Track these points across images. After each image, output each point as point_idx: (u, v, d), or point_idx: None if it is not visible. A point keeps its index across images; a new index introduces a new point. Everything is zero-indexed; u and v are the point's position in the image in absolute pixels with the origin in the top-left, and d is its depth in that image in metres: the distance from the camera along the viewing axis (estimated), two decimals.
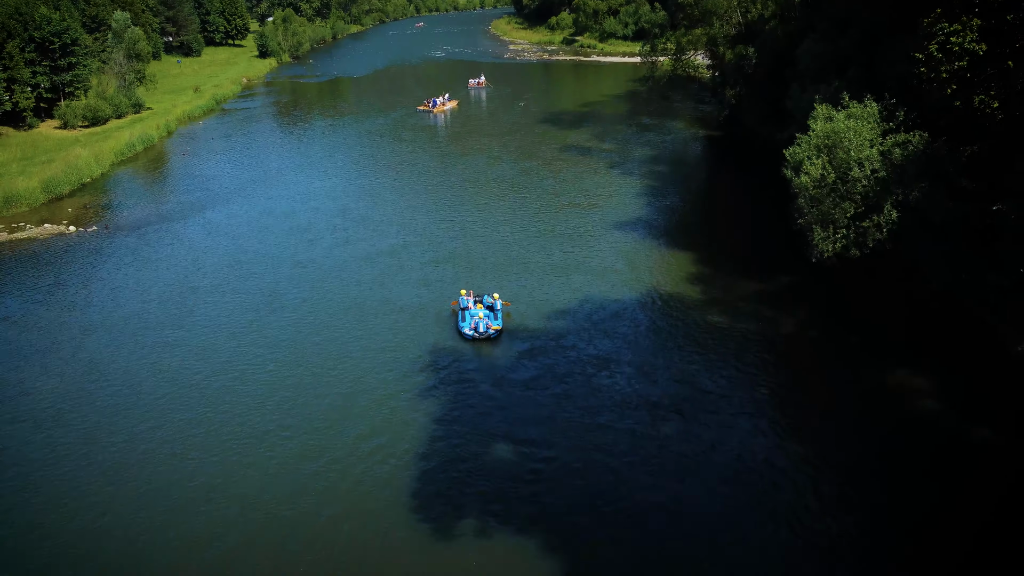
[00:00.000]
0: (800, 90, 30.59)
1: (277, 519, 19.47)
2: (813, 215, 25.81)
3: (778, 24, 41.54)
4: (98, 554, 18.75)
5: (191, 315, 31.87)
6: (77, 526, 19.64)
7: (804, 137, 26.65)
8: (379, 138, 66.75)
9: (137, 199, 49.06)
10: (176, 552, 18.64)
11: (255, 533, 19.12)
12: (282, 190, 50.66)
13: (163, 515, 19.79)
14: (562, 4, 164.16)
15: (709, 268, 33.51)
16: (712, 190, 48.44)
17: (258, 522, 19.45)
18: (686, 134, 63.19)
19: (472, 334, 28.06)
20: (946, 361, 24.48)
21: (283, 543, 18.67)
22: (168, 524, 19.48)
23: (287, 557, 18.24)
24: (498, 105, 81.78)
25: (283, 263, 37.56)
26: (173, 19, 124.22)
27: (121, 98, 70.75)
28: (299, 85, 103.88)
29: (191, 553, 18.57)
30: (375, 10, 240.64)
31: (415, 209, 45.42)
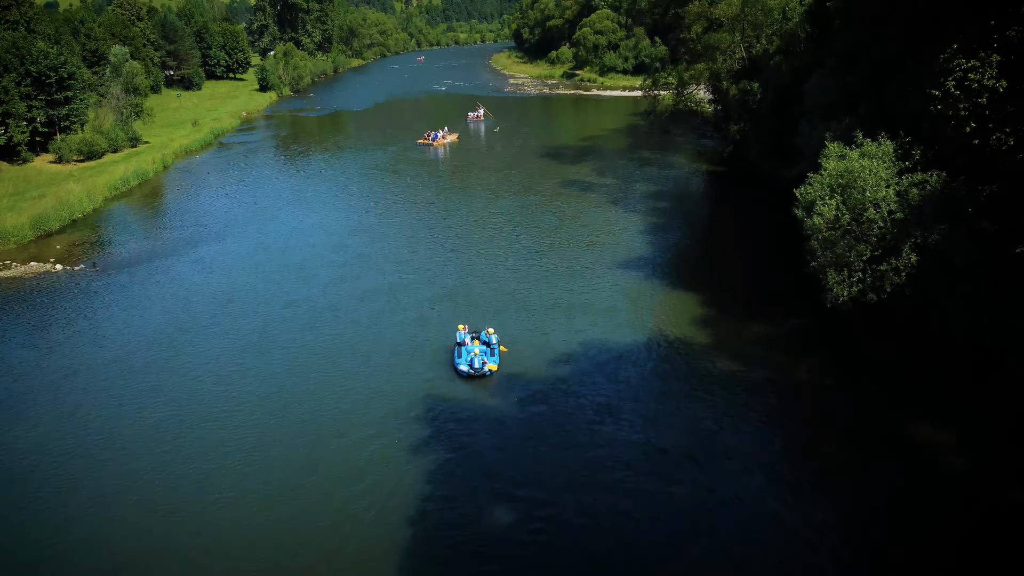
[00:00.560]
0: (810, 127, 29.64)
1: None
2: (827, 258, 24.65)
3: (782, 59, 40.85)
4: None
5: (179, 357, 30.60)
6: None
7: (816, 176, 25.59)
8: (377, 172, 65.99)
9: (129, 235, 48.02)
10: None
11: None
12: (277, 225, 49.69)
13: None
14: (562, 38, 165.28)
15: (716, 310, 32.28)
16: (717, 227, 47.19)
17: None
18: (688, 169, 62.41)
19: (468, 371, 27.34)
20: (969, 410, 23.16)
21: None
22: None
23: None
24: (498, 138, 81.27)
25: (276, 301, 36.40)
26: (174, 53, 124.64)
27: (118, 132, 70.20)
28: (299, 119, 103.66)
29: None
30: (376, 44, 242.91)
31: (413, 245, 44.40)
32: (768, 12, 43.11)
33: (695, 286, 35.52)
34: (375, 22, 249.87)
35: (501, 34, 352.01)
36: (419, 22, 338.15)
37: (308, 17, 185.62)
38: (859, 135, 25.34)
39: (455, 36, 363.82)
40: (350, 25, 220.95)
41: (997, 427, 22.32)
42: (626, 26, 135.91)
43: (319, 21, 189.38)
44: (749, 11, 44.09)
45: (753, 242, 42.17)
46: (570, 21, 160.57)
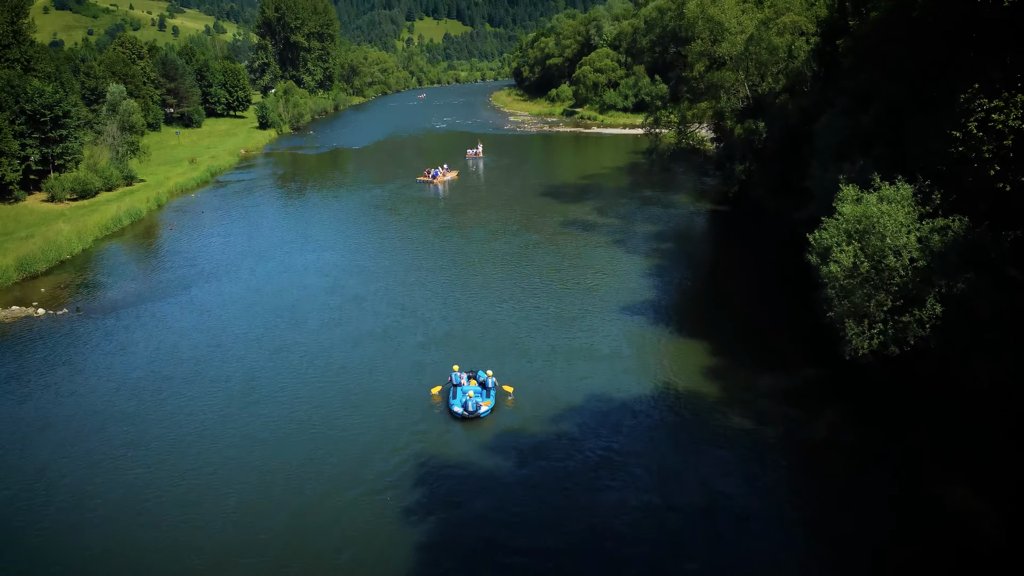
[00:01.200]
0: (821, 168, 28.44)
1: None
2: (844, 307, 23.23)
3: (788, 98, 39.90)
4: None
5: (162, 408, 29.10)
6: None
7: (831, 221, 24.30)
8: (375, 210, 64.98)
9: (117, 277, 46.68)
10: None
11: None
12: (271, 266, 48.46)
13: None
14: (562, 76, 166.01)
15: (726, 359, 30.74)
16: (723, 269, 45.67)
17: None
18: (691, 208, 61.34)
19: (462, 412, 26.64)
20: (999, 471, 21.56)
21: None
22: None
23: None
24: (498, 176, 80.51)
25: (266, 346, 35.01)
26: (174, 91, 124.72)
27: (112, 170, 69.34)
28: (298, 156, 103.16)
29: None
30: (378, 82, 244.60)
31: (410, 286, 43.12)
32: (773, 51, 42.23)
33: (702, 332, 34.02)
34: (376, 60, 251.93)
35: (501, 72, 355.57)
36: (420, 60, 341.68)
37: (309, 56, 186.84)
38: (876, 178, 24.10)
39: (456, 74, 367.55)
40: (351, 63, 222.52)
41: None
42: (626, 64, 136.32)
43: (320, 59, 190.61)
44: (753, 50, 43.27)
45: (761, 286, 40.72)
46: (570, 60, 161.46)
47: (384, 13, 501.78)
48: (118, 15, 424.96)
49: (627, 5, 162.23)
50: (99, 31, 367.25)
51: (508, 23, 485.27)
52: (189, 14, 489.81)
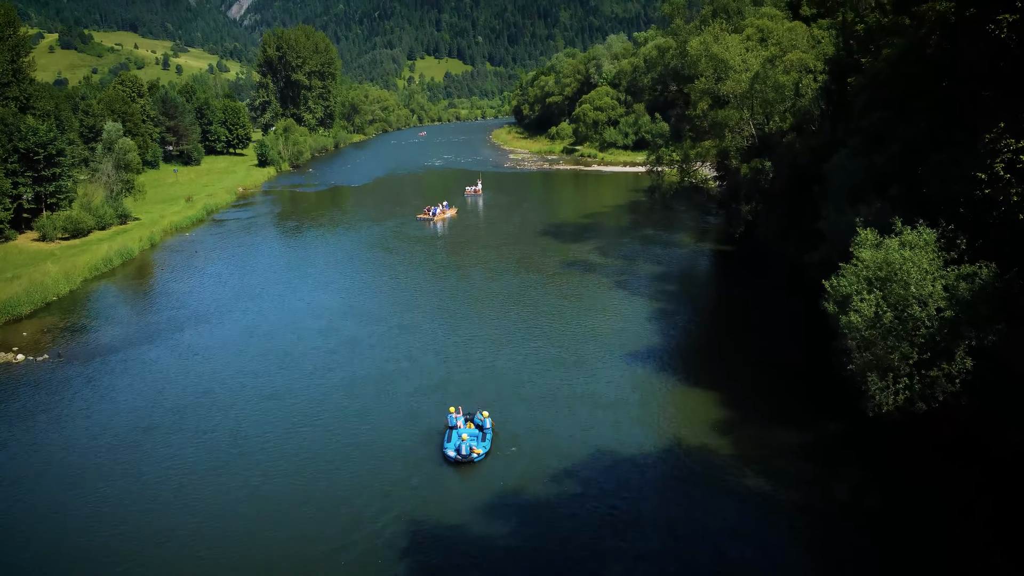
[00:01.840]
0: (836, 211, 27.14)
1: None
2: (866, 360, 21.72)
3: (796, 137, 38.82)
4: None
5: (140, 463, 27.47)
6: None
7: (849, 268, 22.89)
8: (372, 250, 63.79)
9: (103, 320, 45.19)
10: None
11: None
12: (264, 307, 47.07)
13: None
14: (562, 114, 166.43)
15: (737, 412, 29.09)
16: (731, 315, 43.79)
17: None
18: (694, 248, 60.01)
19: (455, 456, 26.10)
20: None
21: None
22: None
23: None
24: (497, 214, 79.54)
25: (255, 394, 33.54)
26: (174, 129, 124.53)
27: (107, 209, 68.28)
28: (296, 194, 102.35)
29: None
30: (378, 120, 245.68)
31: (406, 329, 41.75)
32: (779, 89, 41.23)
33: (711, 381, 32.43)
34: (377, 98, 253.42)
35: (502, 110, 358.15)
36: (421, 98, 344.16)
37: (310, 94, 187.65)
38: (898, 222, 22.74)
39: (456, 112, 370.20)
40: (352, 101, 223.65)
41: None
42: (625, 103, 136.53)
43: (321, 97, 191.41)
44: (759, 88, 42.33)
45: (772, 332, 38.94)
46: (570, 98, 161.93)
47: (386, 52, 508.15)
48: (123, 54, 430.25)
49: (626, 44, 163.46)
50: (103, 70, 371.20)
51: (508, 62, 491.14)
52: (193, 53, 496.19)
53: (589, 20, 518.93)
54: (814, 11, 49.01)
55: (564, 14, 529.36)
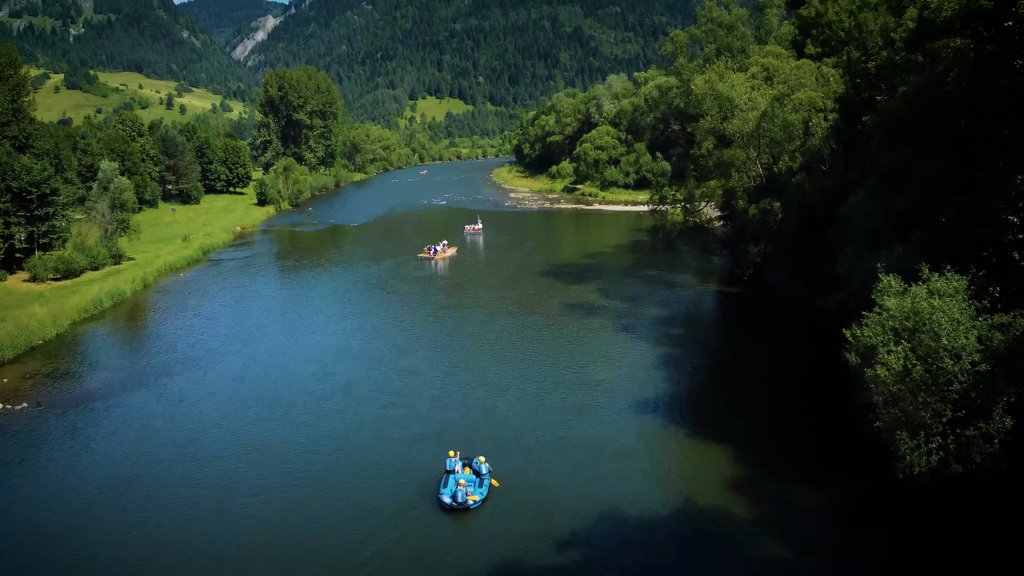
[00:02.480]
0: (855, 255, 25.76)
1: None
2: (895, 417, 20.11)
3: (806, 177, 37.64)
4: None
5: (121, 520, 25.93)
6: None
7: (873, 316, 21.41)
8: (370, 289, 62.52)
9: (89, 365, 43.64)
10: None
11: None
12: (257, 351, 45.60)
13: None
14: (563, 153, 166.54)
15: (752, 468, 27.32)
16: (741, 361, 41.73)
17: None
18: (700, 290, 58.53)
19: (450, 503, 25.43)
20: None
21: None
22: None
23: None
24: (498, 253, 78.43)
25: (244, 443, 31.96)
26: (173, 168, 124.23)
27: (100, 249, 67.14)
28: (295, 233, 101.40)
29: None
30: (379, 159, 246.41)
31: (404, 374, 40.33)
32: (788, 128, 40.10)
33: (722, 433, 30.71)
34: (378, 137, 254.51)
35: (502, 149, 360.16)
36: (422, 137, 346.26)
37: (311, 133, 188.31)
38: (924, 269, 21.31)
39: (457, 151, 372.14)
40: (353, 140, 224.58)
41: None
42: (626, 142, 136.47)
43: (322, 137, 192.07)
44: (766, 127, 41.28)
45: (786, 381, 37.11)
46: (570, 137, 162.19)
47: (388, 92, 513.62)
48: (127, 94, 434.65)
49: (627, 84, 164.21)
50: (107, 110, 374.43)
51: (509, 102, 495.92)
52: (197, 93, 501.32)
53: (589, 61, 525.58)
54: (819, 50, 48.32)
55: (564, 55, 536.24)
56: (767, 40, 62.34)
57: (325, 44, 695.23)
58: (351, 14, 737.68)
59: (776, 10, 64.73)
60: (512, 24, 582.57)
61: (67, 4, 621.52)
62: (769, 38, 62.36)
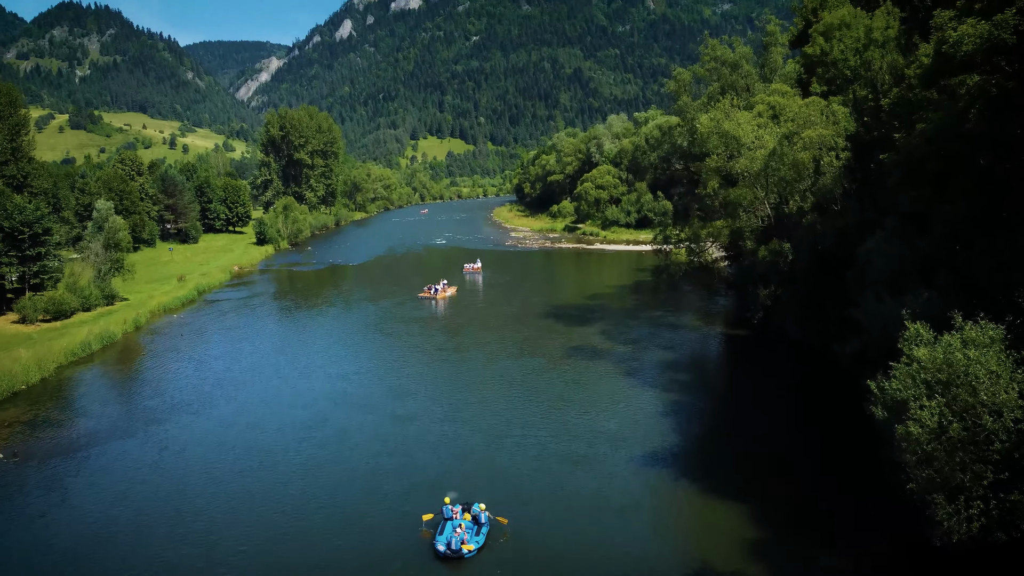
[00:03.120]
0: (876, 300, 24.31)
1: None
2: (929, 478, 18.46)
3: (818, 218, 36.36)
4: None
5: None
6: None
7: (901, 367, 19.88)
8: (368, 331, 61.03)
9: (72, 412, 41.92)
10: None
11: None
12: (249, 396, 44.00)
13: None
14: (563, 192, 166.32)
15: (770, 529, 25.45)
16: (752, 410, 39.34)
17: None
18: (705, 333, 56.82)
19: (444, 551, 24.51)
20: None
21: None
22: None
23: None
24: (498, 294, 77.08)
25: (231, 495, 30.34)
26: (173, 207, 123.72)
27: (93, 289, 65.76)
28: (293, 273, 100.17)
29: None
30: (380, 198, 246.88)
31: (401, 420, 38.76)
32: (798, 167, 38.82)
33: (737, 488, 28.90)
34: (379, 177, 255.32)
35: (503, 188, 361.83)
36: (423, 177, 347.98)
37: (312, 172, 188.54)
38: (957, 317, 19.81)
39: (458, 190, 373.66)
40: (354, 180, 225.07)
41: None
42: (627, 181, 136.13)
43: (323, 176, 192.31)
44: (775, 166, 40.08)
45: (802, 432, 35.08)
46: (571, 176, 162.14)
47: (389, 132, 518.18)
48: (131, 134, 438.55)
49: (627, 124, 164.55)
50: (111, 149, 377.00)
51: (510, 141, 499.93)
52: (200, 133, 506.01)
53: (588, 102, 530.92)
54: (824, 88, 47.51)
55: (564, 96, 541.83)
56: (772, 78, 61.72)
57: (328, 85, 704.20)
58: (354, 56, 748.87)
59: (780, 48, 64.27)
60: (513, 66, 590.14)
61: (74, 46, 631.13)
62: (774, 76, 61.74)
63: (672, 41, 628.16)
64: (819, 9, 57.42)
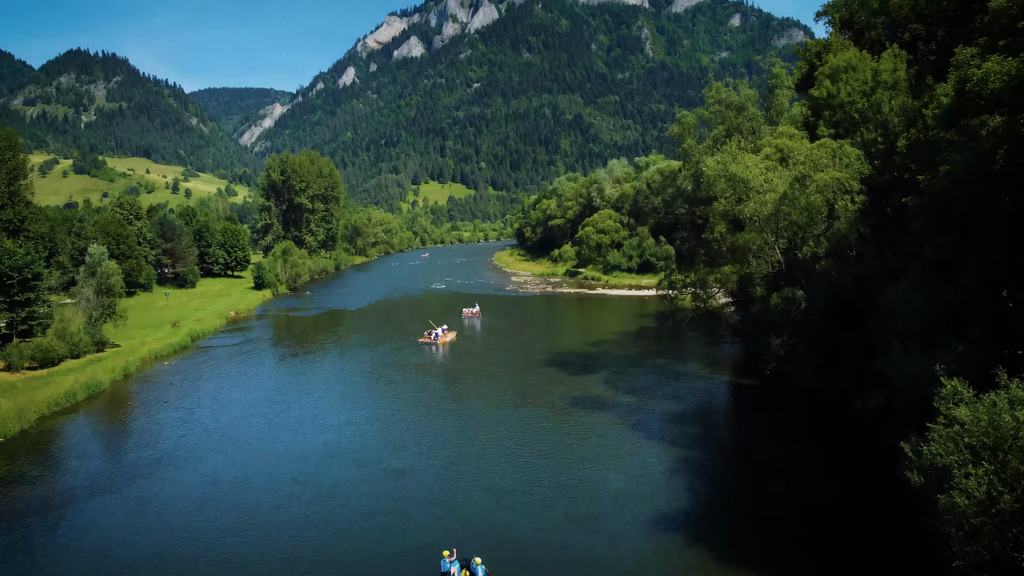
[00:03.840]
0: (906, 353, 22.61)
1: None
2: (977, 555, 16.56)
3: (832, 264, 34.81)
4: None
5: None
6: None
7: (940, 429, 18.11)
8: (364, 379, 59.14)
9: (49, 467, 39.81)
10: None
11: None
12: (239, 448, 42.11)
13: None
14: (564, 237, 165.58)
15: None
16: (768, 468, 36.52)
17: None
18: (713, 382, 54.67)
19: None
20: None
21: None
22: None
23: None
24: (498, 339, 75.32)
25: (213, 558, 28.48)
26: (170, 251, 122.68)
27: (82, 336, 64.05)
28: (290, 319, 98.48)
29: None
30: (381, 242, 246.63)
31: (396, 475, 36.93)
32: (811, 211, 37.20)
33: (756, 556, 26.80)
34: (380, 221, 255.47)
35: (504, 233, 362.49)
36: (424, 221, 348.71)
37: (313, 217, 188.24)
38: (1002, 374, 18.09)
39: (459, 234, 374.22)
40: (355, 224, 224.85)
41: None
42: (629, 225, 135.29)
43: (324, 220, 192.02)
44: (786, 210, 38.60)
45: (823, 494, 32.26)
46: (572, 221, 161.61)
47: (391, 177, 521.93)
48: (134, 178, 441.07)
49: (627, 169, 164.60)
50: (114, 194, 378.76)
51: (510, 186, 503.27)
52: (203, 178, 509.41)
53: (589, 147, 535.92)
54: (832, 131, 46.46)
55: (564, 141, 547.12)
56: (778, 121, 60.82)
57: (331, 131, 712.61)
58: (357, 102, 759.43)
59: (787, 91, 63.55)
60: (514, 111, 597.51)
61: (80, 93, 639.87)
62: (780, 119, 60.85)
63: (671, 88, 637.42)
64: (823, 52, 56.84)
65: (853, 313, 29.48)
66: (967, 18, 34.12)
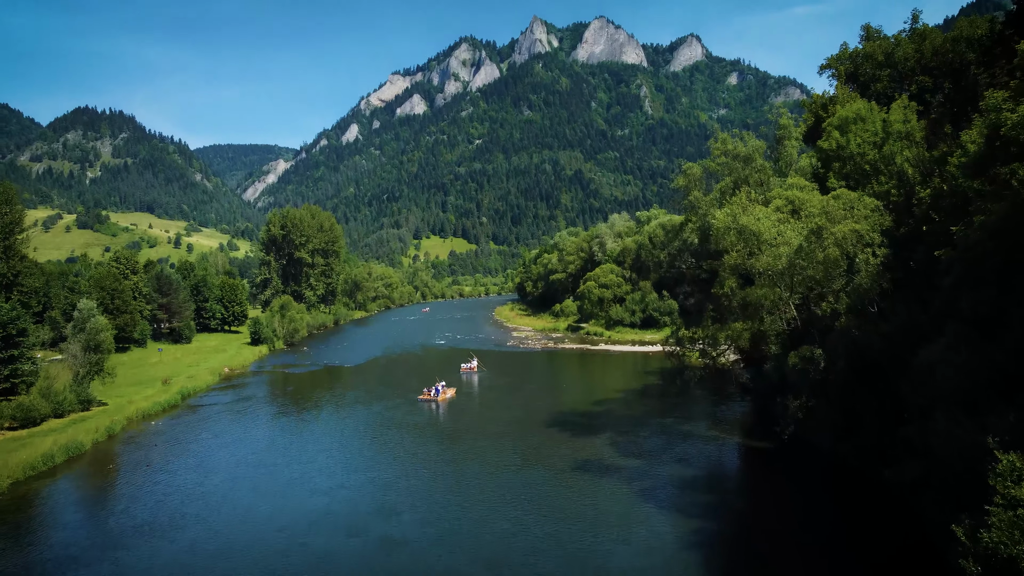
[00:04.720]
0: (948, 419, 20.44)
1: None
2: None
3: (853, 320, 32.80)
4: None
5: None
6: None
7: (1001, 513, 15.88)
8: (359, 440, 56.58)
9: (15, 540, 37.02)
10: None
11: None
12: (222, 515, 39.69)
13: None
14: (566, 291, 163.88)
15: None
16: (790, 544, 33.45)
17: None
18: (724, 445, 51.81)
19: None
20: None
21: None
22: None
23: None
24: (499, 396, 72.86)
25: None
26: (167, 306, 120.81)
27: (67, 394, 61.70)
28: (286, 375, 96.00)
29: None
30: (381, 296, 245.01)
31: (390, 545, 34.63)
32: (828, 265, 35.14)
33: None
34: (380, 275, 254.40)
35: (505, 287, 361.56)
36: (425, 276, 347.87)
37: (313, 271, 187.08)
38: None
39: (460, 289, 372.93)
40: (355, 278, 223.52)
41: None
42: (631, 280, 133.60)
43: (324, 275, 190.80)
44: (802, 263, 36.68)
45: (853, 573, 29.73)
46: (573, 275, 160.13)
47: (393, 232, 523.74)
48: (137, 233, 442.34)
49: (629, 223, 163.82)
50: (116, 249, 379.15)
51: (512, 241, 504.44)
52: (205, 233, 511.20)
53: (589, 202, 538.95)
54: (842, 183, 45.01)
55: (565, 196, 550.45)
56: (787, 172, 59.52)
57: (333, 186, 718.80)
58: (359, 158, 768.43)
59: (795, 142, 62.42)
60: (515, 167, 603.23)
61: (87, 149, 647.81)
62: (789, 170, 59.60)
63: (670, 144, 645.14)
64: (829, 104, 55.88)
65: (878, 374, 27.41)
66: (991, 62, 32.85)
